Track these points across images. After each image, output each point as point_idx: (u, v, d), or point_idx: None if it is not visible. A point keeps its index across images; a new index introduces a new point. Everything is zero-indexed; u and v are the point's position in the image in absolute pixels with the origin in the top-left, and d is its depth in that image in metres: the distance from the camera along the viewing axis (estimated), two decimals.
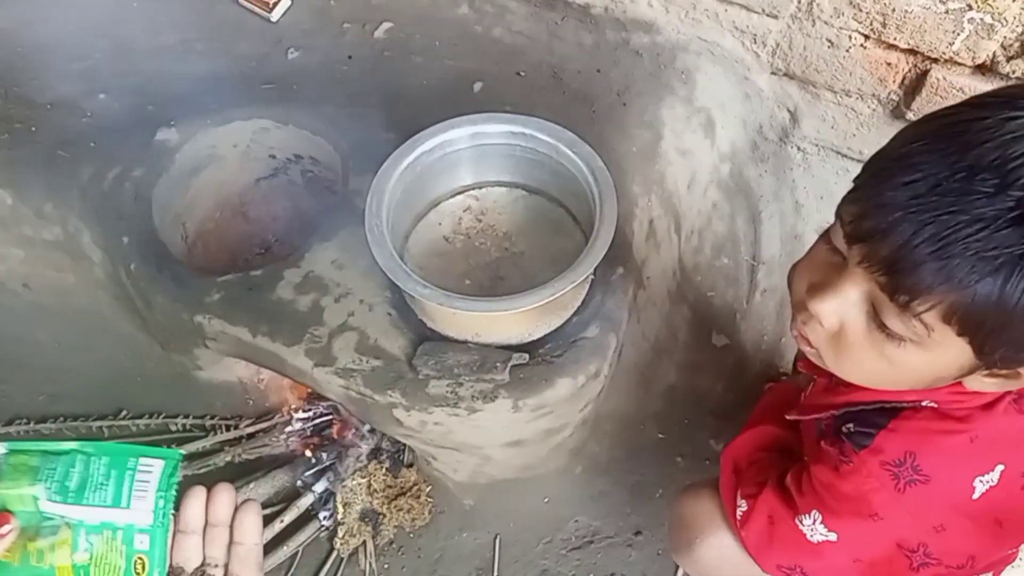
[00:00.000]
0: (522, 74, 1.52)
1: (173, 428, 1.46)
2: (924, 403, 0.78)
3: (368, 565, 1.38)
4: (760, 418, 1.07)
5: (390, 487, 1.42)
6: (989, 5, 1.18)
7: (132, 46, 1.63)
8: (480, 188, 1.33)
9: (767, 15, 1.38)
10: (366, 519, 1.40)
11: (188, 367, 1.46)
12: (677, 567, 1.37)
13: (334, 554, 1.38)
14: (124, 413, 1.48)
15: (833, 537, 0.86)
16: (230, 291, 1.27)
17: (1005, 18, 1.18)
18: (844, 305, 0.69)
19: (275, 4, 1.64)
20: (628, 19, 1.49)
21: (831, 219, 0.73)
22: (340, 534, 1.39)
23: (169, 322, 1.33)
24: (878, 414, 0.80)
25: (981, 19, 1.20)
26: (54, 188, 1.43)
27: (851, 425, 0.82)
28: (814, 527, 0.87)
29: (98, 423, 1.47)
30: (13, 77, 1.58)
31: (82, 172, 1.43)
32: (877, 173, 0.66)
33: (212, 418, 1.47)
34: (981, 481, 0.78)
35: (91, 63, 1.60)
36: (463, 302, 1.09)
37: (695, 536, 1.03)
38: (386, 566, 1.38)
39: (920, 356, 0.68)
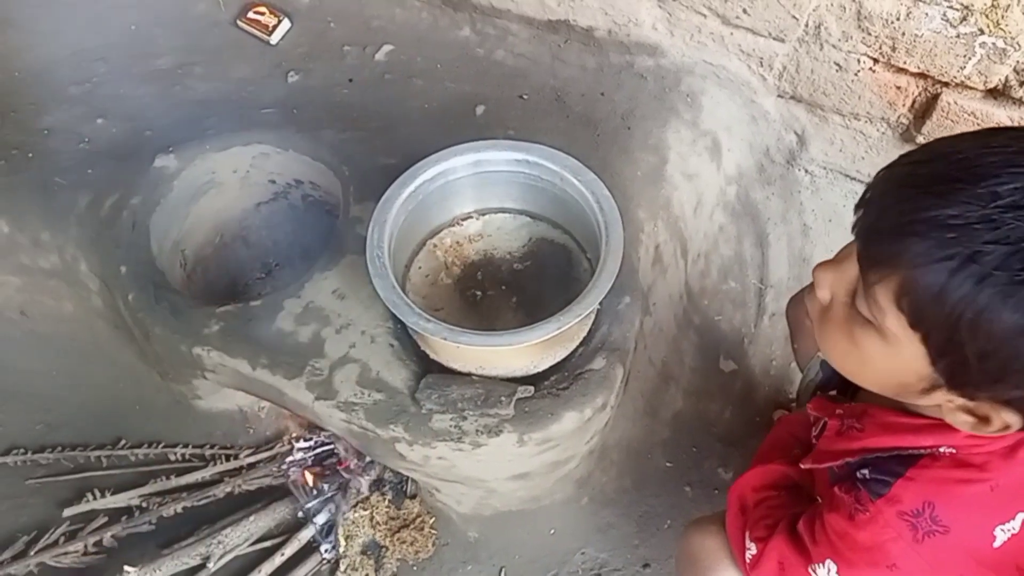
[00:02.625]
0: (525, 97, 1.50)
1: (172, 458, 1.44)
2: (942, 449, 0.76)
3: None
4: (768, 453, 1.04)
5: (393, 519, 1.40)
6: (1001, 30, 1.16)
7: (130, 70, 1.61)
8: (483, 215, 1.31)
9: (774, 38, 1.36)
10: (368, 552, 1.38)
11: (187, 396, 1.44)
12: None
13: None
14: (123, 443, 1.46)
15: None
16: (229, 322, 1.24)
17: (1018, 42, 1.16)
18: (839, 279, 0.72)
19: (274, 27, 1.63)
20: (632, 42, 1.48)
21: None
22: (342, 568, 1.36)
23: (167, 353, 1.30)
24: (895, 461, 0.78)
25: (993, 43, 1.18)
26: (51, 216, 1.41)
27: (866, 471, 0.79)
28: None
29: (96, 452, 1.44)
30: (10, 102, 1.56)
31: (79, 200, 1.41)
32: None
33: (212, 447, 1.44)
34: (1003, 530, 0.76)
35: (88, 87, 1.59)
36: (467, 336, 1.07)
37: (703, 574, 1.01)
38: None
39: (881, 347, 0.69)
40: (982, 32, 1.17)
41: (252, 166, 1.48)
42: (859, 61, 1.30)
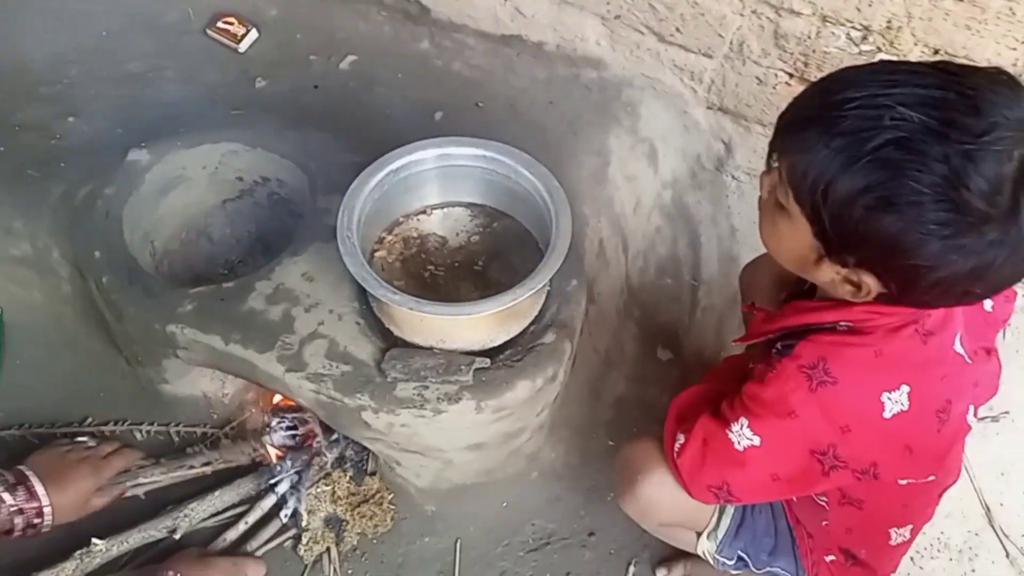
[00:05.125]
0: (480, 105, 1.63)
1: (139, 436, 1.48)
2: (841, 324, 0.93)
3: (332, 570, 1.42)
4: (712, 378, 1.18)
5: (353, 495, 1.47)
6: (895, 48, 1.34)
7: (101, 73, 1.68)
8: (443, 207, 1.42)
9: (703, 54, 1.52)
10: (330, 525, 1.44)
11: (154, 380, 1.49)
12: (628, 565, 1.45)
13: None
14: (89, 420, 1.49)
15: (757, 441, 0.97)
16: (202, 302, 1.32)
17: (908, 59, 1.34)
18: (769, 179, 0.89)
19: (243, 36, 1.73)
20: (578, 56, 1.63)
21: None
22: (304, 540, 1.42)
23: (140, 333, 1.37)
24: (803, 335, 0.95)
25: (893, 59, 1.36)
26: (24, 205, 1.46)
27: (779, 344, 0.98)
28: (741, 432, 0.98)
29: (63, 430, 1.48)
30: None
31: (52, 190, 1.47)
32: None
33: (177, 426, 1.50)
34: (889, 399, 0.91)
35: (60, 88, 1.65)
36: (431, 306, 1.17)
37: (636, 474, 1.12)
38: (350, 572, 1.42)
39: (787, 225, 0.87)
40: (879, 49, 1.35)
41: (221, 163, 1.56)
42: (776, 75, 1.48)
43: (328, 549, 1.43)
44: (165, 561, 1.25)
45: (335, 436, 1.47)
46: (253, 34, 1.74)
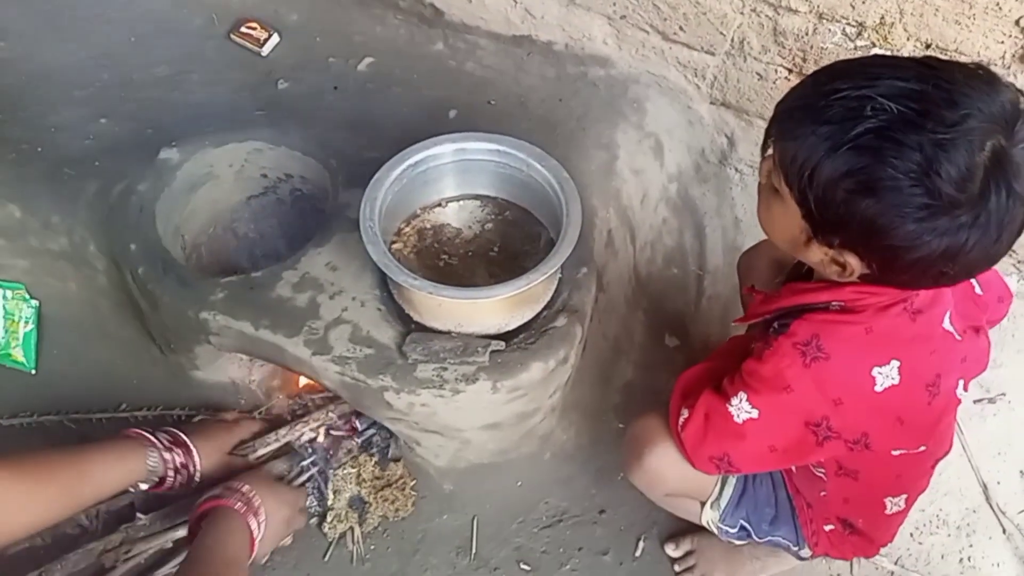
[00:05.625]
0: (492, 103, 1.70)
1: (170, 421, 1.56)
2: (833, 304, 0.99)
3: (356, 548, 1.49)
4: (716, 357, 1.24)
5: (378, 479, 1.53)
6: (889, 43, 1.41)
7: (131, 76, 1.77)
8: (459, 200, 1.49)
9: (705, 52, 1.59)
10: (353, 506, 1.51)
11: (185, 367, 1.57)
12: (638, 540, 1.51)
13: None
14: (123, 406, 1.57)
15: (755, 414, 1.04)
16: (232, 290, 1.40)
17: (901, 53, 1.40)
18: (766, 164, 0.94)
19: (265, 41, 1.81)
20: (586, 55, 1.70)
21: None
22: (329, 519, 1.49)
23: (174, 320, 1.44)
24: (798, 314, 1.02)
25: (884, 53, 1.43)
26: (61, 201, 1.55)
27: (776, 324, 1.05)
28: (740, 407, 1.04)
29: (98, 415, 1.56)
30: (18, 103, 1.70)
31: (88, 187, 1.55)
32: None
33: (207, 411, 1.57)
34: (880, 373, 0.97)
35: (92, 91, 1.74)
36: (449, 291, 1.24)
37: (643, 447, 1.19)
38: (372, 547, 1.49)
39: (780, 207, 0.93)
40: (874, 44, 1.41)
41: (247, 161, 1.64)
42: (776, 71, 1.54)
43: (351, 528, 1.50)
44: (239, 475, 1.33)
45: (364, 422, 1.53)
46: (275, 38, 1.81)
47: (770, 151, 0.93)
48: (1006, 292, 1.23)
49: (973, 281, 1.14)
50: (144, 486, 1.30)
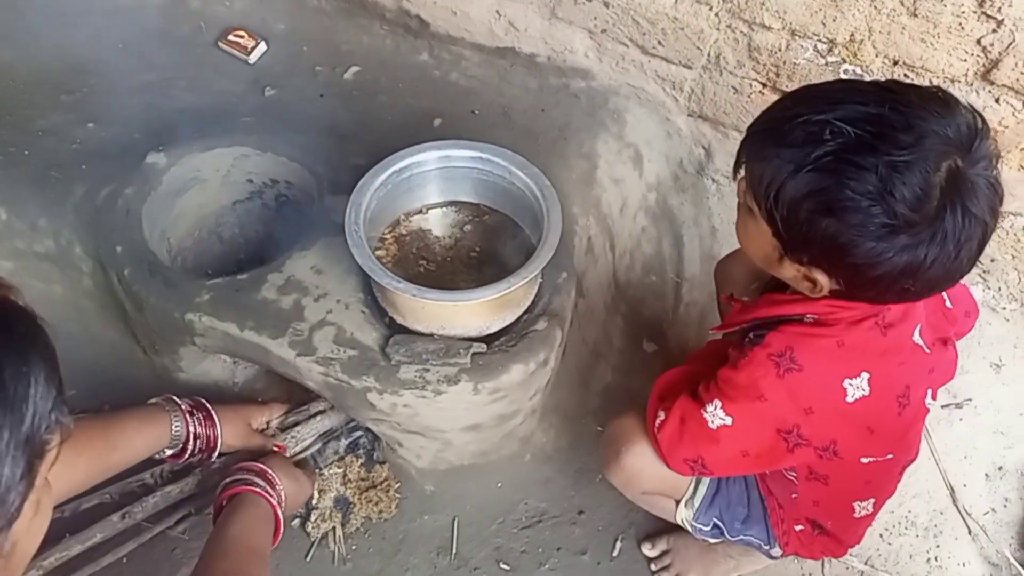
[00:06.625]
0: (476, 112, 1.74)
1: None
2: (807, 317, 1.02)
3: (338, 548, 1.51)
4: (693, 360, 1.28)
5: (363, 479, 1.55)
6: (858, 59, 1.46)
7: (118, 82, 1.78)
8: (442, 206, 1.52)
9: (683, 65, 1.64)
10: (338, 506, 1.53)
11: (170, 369, 1.58)
12: (615, 540, 1.54)
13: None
14: (106, 408, 1.58)
15: (729, 421, 1.07)
16: (218, 292, 1.42)
17: (871, 69, 1.46)
18: (742, 185, 0.98)
19: (252, 48, 1.84)
20: (567, 67, 1.74)
21: None
22: (313, 518, 1.51)
23: (159, 322, 1.46)
24: (773, 325, 1.05)
25: (853, 70, 1.48)
26: (48, 204, 1.56)
27: (751, 334, 1.08)
28: (715, 413, 1.08)
29: (80, 415, 1.56)
30: (5, 107, 1.72)
31: (75, 190, 1.57)
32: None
33: None
34: (851, 384, 1.01)
35: (79, 96, 1.76)
36: (433, 293, 1.27)
37: (621, 446, 1.22)
38: (354, 547, 1.51)
39: (754, 225, 0.96)
40: (844, 61, 1.47)
41: (233, 166, 1.67)
42: (751, 85, 1.59)
43: (334, 528, 1.52)
44: (260, 458, 1.35)
45: (351, 423, 1.55)
46: (262, 47, 1.84)
47: (742, 172, 0.97)
48: (973, 307, 1.28)
49: (944, 295, 1.18)
50: (169, 451, 1.33)
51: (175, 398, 1.35)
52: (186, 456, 1.35)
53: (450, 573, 1.50)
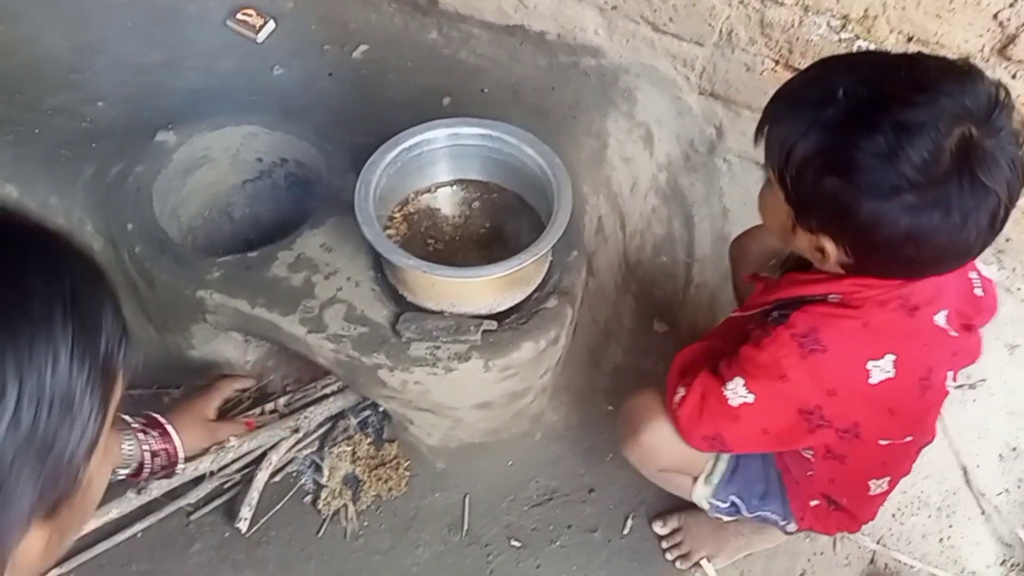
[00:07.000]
0: (485, 91, 1.73)
1: (166, 400, 1.58)
2: (831, 296, 1.01)
3: (349, 525, 1.51)
4: (713, 336, 1.27)
5: (372, 458, 1.56)
6: (872, 35, 1.45)
7: (127, 61, 1.78)
8: (451, 184, 1.52)
9: (694, 43, 1.62)
10: (348, 484, 1.54)
11: (181, 347, 1.59)
12: (626, 519, 1.54)
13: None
14: None
15: (751, 399, 1.06)
16: (229, 269, 1.42)
17: (885, 46, 1.44)
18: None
19: (261, 27, 1.83)
20: (578, 44, 1.73)
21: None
22: (323, 496, 1.52)
23: (171, 299, 1.46)
24: (797, 305, 1.04)
25: (868, 46, 1.47)
26: (58, 182, 1.56)
27: (775, 313, 1.07)
28: (736, 390, 1.07)
29: None
30: (15, 86, 1.71)
31: (85, 169, 1.57)
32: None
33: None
34: (875, 366, 1.00)
35: (88, 75, 1.75)
36: (444, 270, 1.27)
37: (639, 423, 1.22)
38: (366, 523, 1.52)
39: (772, 195, 0.97)
40: (858, 37, 1.45)
41: (242, 145, 1.66)
42: (763, 62, 1.58)
43: (345, 505, 1.53)
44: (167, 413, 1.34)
45: (360, 403, 1.56)
46: (271, 25, 1.83)
47: (761, 142, 0.97)
48: (993, 305, 1.26)
49: (975, 281, 1.15)
50: (123, 472, 1.29)
51: (125, 417, 1.30)
52: (146, 474, 1.31)
53: (461, 549, 1.51)
